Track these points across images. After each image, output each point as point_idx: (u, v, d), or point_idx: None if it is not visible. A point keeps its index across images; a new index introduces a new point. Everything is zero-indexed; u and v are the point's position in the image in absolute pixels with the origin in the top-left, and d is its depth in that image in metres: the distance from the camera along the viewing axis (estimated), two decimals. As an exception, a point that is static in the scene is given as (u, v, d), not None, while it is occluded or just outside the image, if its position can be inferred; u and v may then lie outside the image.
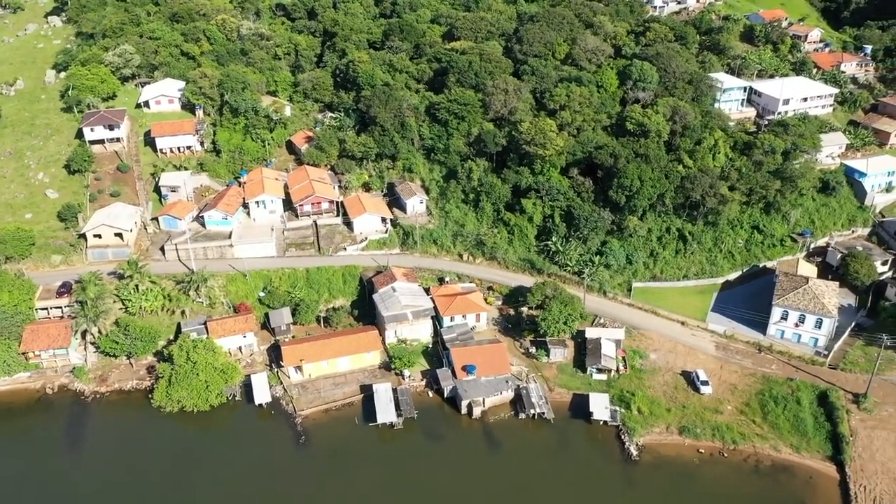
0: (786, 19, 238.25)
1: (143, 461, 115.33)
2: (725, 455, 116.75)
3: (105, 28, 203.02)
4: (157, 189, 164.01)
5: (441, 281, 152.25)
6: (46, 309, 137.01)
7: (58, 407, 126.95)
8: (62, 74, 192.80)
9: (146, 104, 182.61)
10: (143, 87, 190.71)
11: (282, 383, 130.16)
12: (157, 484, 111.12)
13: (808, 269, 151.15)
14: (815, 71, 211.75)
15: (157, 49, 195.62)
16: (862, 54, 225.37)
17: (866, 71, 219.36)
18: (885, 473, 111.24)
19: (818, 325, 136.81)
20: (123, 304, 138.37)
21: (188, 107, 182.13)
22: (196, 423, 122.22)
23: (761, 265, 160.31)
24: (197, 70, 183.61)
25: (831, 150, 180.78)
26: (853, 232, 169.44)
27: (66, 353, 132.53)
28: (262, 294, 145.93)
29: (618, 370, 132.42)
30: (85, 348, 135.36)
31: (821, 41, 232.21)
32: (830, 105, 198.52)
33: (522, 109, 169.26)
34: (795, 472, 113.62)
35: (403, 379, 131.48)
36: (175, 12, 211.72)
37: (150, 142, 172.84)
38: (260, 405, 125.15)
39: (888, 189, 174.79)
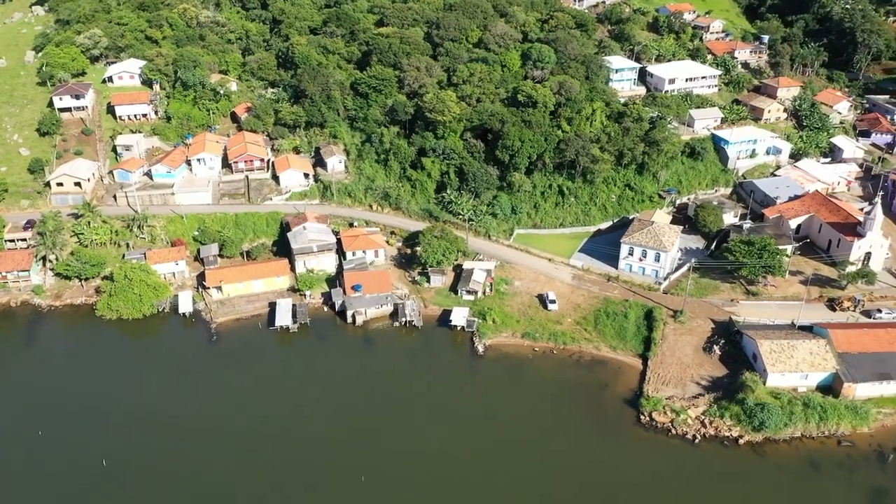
0: (693, 11, 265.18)
1: (83, 354, 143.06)
2: (555, 353, 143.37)
3: (79, 15, 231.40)
4: (114, 149, 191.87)
5: (351, 226, 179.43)
6: (13, 240, 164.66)
7: (19, 316, 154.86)
8: (39, 54, 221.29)
9: (110, 79, 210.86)
10: (110, 65, 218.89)
11: (204, 300, 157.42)
12: (93, 368, 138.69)
13: (662, 218, 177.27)
14: (709, 57, 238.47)
15: (123, 33, 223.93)
16: (757, 43, 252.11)
17: (759, 57, 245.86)
18: (678, 365, 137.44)
19: (657, 258, 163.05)
20: (78, 238, 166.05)
21: (147, 82, 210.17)
22: (130, 327, 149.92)
23: (630, 217, 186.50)
24: (154, 50, 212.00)
25: (706, 123, 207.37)
26: (716, 191, 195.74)
27: (28, 275, 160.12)
28: (196, 233, 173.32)
29: (484, 292, 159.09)
30: (45, 273, 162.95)
31: (723, 31, 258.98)
32: (715, 85, 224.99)
33: (430, 84, 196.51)
34: (608, 365, 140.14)
35: (305, 298, 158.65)
36: (142, 2, 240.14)
37: (111, 110, 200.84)
38: (183, 314, 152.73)
39: (752, 155, 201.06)
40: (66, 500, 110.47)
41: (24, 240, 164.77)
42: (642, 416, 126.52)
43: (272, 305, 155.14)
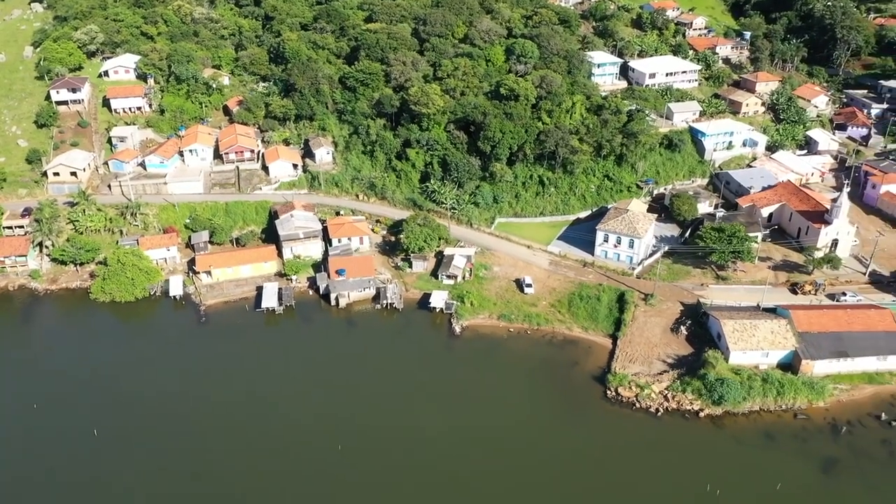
0: (676, 8, 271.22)
1: (77, 334, 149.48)
2: (529, 333, 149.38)
3: (76, 12, 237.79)
4: (109, 140, 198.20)
5: (337, 214, 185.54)
6: (11, 227, 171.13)
7: (17, 299, 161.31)
8: (37, 49, 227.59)
9: (106, 74, 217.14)
10: (106, 60, 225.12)
11: (194, 284, 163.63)
12: (86, 347, 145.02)
13: (639, 207, 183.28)
14: (690, 52, 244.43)
15: (119, 29, 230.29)
16: (738, 39, 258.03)
17: (740, 53, 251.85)
18: (645, 344, 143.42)
19: (631, 245, 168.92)
20: (73, 226, 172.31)
21: (141, 76, 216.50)
22: (122, 309, 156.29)
23: (609, 206, 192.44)
24: (149, 45, 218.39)
25: (685, 116, 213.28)
26: (693, 181, 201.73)
27: (25, 260, 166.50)
28: (187, 220, 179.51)
29: (464, 277, 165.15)
30: (41, 258, 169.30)
31: (705, 28, 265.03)
32: (696, 80, 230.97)
33: (416, 78, 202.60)
34: (579, 344, 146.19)
35: (292, 282, 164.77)
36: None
37: (106, 103, 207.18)
38: (174, 297, 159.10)
39: (729, 147, 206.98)
40: (59, 468, 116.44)
41: (22, 227, 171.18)
42: (609, 391, 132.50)
43: (259, 289, 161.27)
